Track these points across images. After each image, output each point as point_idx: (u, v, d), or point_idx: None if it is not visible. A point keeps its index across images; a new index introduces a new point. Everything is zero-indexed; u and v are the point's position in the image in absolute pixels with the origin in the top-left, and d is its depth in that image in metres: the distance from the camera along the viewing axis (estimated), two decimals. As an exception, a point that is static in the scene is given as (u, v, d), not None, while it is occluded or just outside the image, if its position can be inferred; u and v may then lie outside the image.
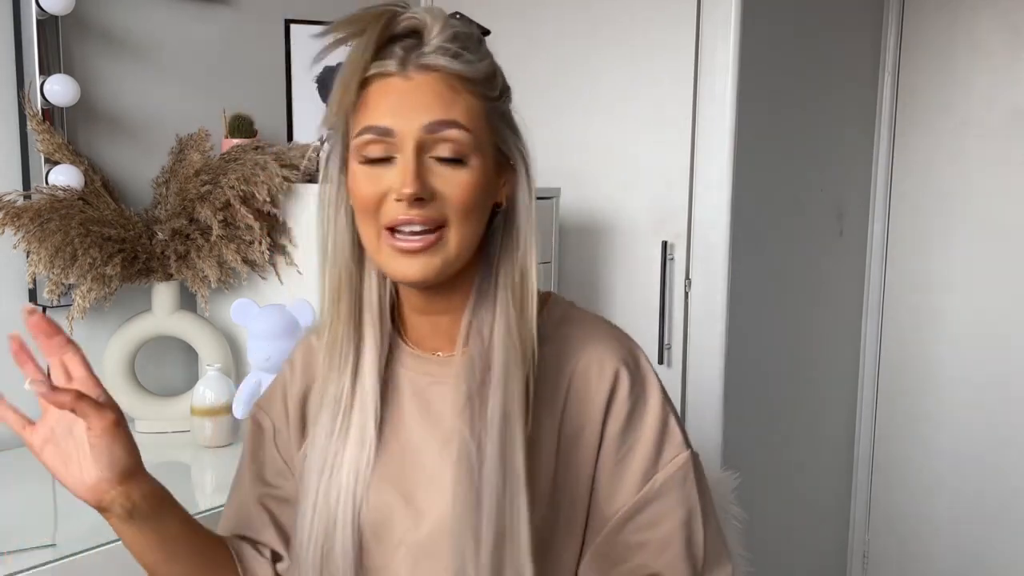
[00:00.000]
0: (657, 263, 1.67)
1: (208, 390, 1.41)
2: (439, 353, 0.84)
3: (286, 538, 0.88)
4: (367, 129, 0.74)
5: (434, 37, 0.74)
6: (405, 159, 0.73)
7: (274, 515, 0.90)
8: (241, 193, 1.44)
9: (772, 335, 1.93)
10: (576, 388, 0.82)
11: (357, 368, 0.82)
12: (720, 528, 0.87)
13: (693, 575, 0.82)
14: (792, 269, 2.01)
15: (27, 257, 1.37)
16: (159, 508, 0.80)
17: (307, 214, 1.51)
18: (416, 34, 0.75)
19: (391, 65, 0.74)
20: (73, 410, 0.72)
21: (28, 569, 0.97)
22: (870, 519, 2.47)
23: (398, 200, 0.73)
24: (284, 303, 1.40)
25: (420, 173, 0.73)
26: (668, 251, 1.67)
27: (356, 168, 0.76)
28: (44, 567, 0.98)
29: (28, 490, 1.26)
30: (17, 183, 1.43)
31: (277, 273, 1.54)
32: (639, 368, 0.84)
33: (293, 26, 1.64)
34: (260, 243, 1.48)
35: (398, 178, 0.73)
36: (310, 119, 1.62)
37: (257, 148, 1.49)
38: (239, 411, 1.39)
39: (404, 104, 0.73)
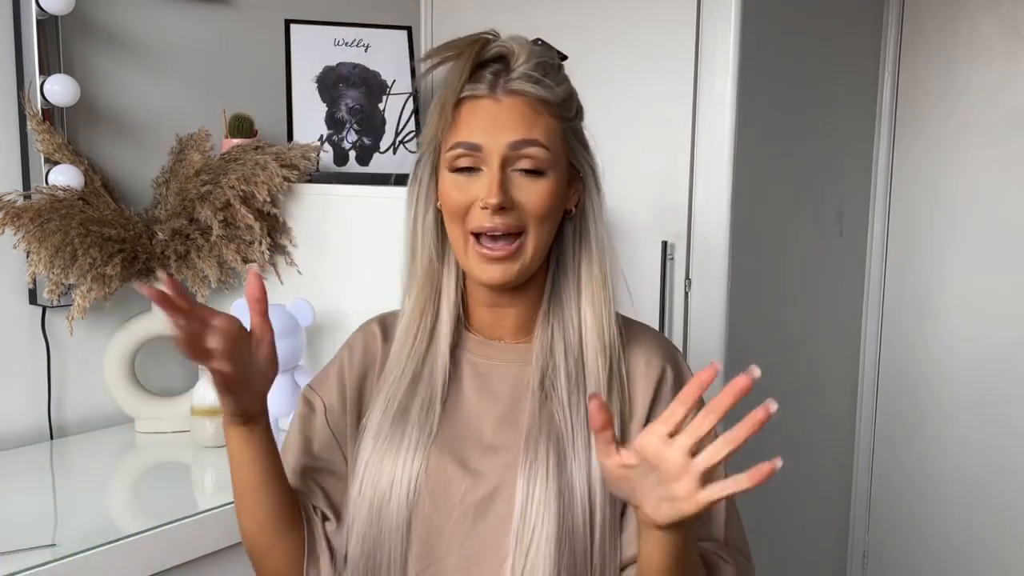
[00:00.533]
0: (657, 263, 1.67)
1: (208, 390, 1.41)
2: (502, 340, 0.94)
3: (331, 504, 0.94)
4: (459, 144, 0.85)
5: (520, 64, 0.84)
6: (491, 172, 0.83)
7: (320, 484, 0.95)
8: (241, 193, 1.44)
9: (772, 335, 1.93)
10: (625, 381, 0.91)
11: (429, 348, 0.93)
12: (741, 522, 0.94)
13: (709, 537, 0.89)
14: (792, 269, 2.01)
15: (27, 257, 1.37)
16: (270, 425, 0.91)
17: (307, 214, 1.51)
18: (503, 60, 0.85)
19: (482, 89, 0.84)
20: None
21: (28, 569, 0.97)
22: (870, 519, 2.47)
23: (483, 208, 0.83)
24: (284, 303, 1.40)
25: (504, 185, 0.83)
26: (668, 251, 1.67)
27: (447, 176, 0.86)
28: (44, 567, 0.98)
29: (28, 490, 1.26)
30: (17, 183, 1.43)
31: (277, 273, 1.54)
32: (680, 367, 0.94)
33: (293, 26, 1.64)
34: (260, 243, 1.48)
35: (484, 189, 0.83)
36: (310, 119, 1.62)
37: (257, 148, 1.49)
38: (239, 411, 1.39)
39: (493, 123, 0.84)
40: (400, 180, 1.52)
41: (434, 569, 0.87)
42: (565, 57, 0.92)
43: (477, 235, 0.85)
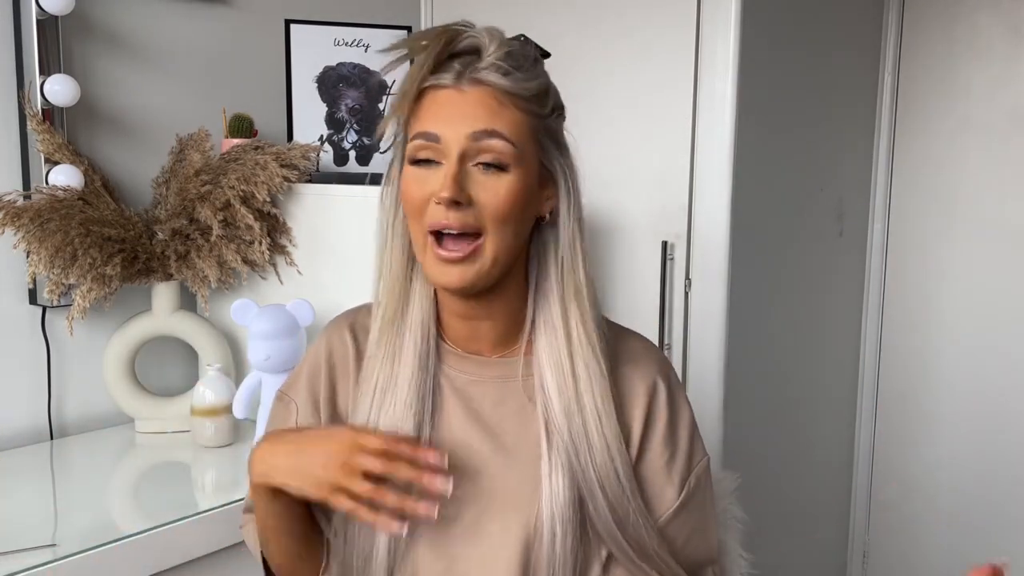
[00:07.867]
0: (657, 263, 1.67)
1: (208, 390, 1.41)
2: (480, 354, 0.89)
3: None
4: (418, 135, 0.80)
5: (489, 55, 0.79)
6: (449, 164, 0.79)
7: None
8: (241, 193, 1.44)
9: (772, 335, 1.93)
10: (615, 393, 0.87)
11: (402, 362, 0.87)
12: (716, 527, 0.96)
13: (709, 560, 0.92)
14: (792, 269, 2.01)
15: (27, 257, 1.37)
16: None
17: (307, 214, 1.51)
18: (475, 52, 0.80)
19: (446, 79, 0.80)
20: None
21: (28, 569, 0.97)
22: (870, 519, 2.47)
23: (437, 203, 0.78)
24: (284, 303, 1.40)
25: (459, 179, 0.78)
26: (668, 251, 1.67)
27: (407, 169, 0.82)
28: (44, 567, 0.98)
29: (28, 490, 1.26)
30: (17, 183, 1.43)
31: (277, 273, 1.54)
32: (671, 381, 0.92)
33: (293, 26, 1.64)
34: (260, 243, 1.48)
35: (439, 182, 0.78)
36: (310, 119, 1.62)
37: (257, 148, 1.50)
38: (239, 411, 1.39)
39: (453, 113, 0.79)
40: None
41: None
42: (547, 54, 0.86)
43: (438, 236, 0.80)
